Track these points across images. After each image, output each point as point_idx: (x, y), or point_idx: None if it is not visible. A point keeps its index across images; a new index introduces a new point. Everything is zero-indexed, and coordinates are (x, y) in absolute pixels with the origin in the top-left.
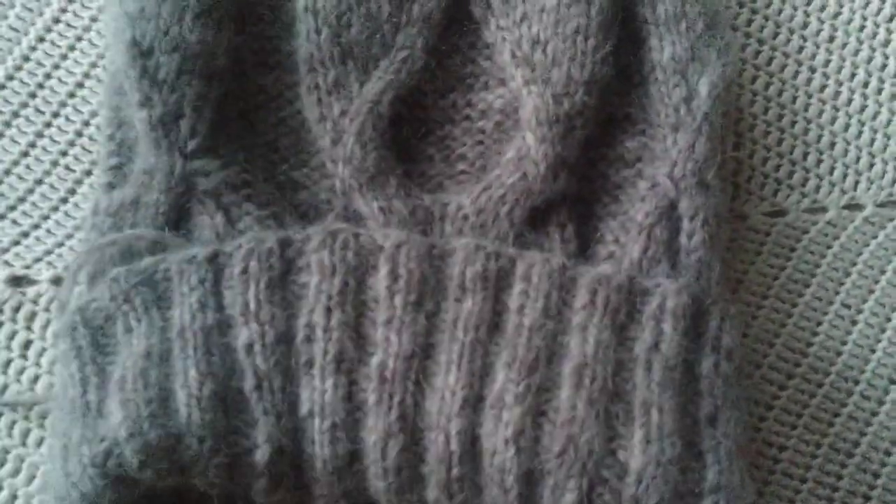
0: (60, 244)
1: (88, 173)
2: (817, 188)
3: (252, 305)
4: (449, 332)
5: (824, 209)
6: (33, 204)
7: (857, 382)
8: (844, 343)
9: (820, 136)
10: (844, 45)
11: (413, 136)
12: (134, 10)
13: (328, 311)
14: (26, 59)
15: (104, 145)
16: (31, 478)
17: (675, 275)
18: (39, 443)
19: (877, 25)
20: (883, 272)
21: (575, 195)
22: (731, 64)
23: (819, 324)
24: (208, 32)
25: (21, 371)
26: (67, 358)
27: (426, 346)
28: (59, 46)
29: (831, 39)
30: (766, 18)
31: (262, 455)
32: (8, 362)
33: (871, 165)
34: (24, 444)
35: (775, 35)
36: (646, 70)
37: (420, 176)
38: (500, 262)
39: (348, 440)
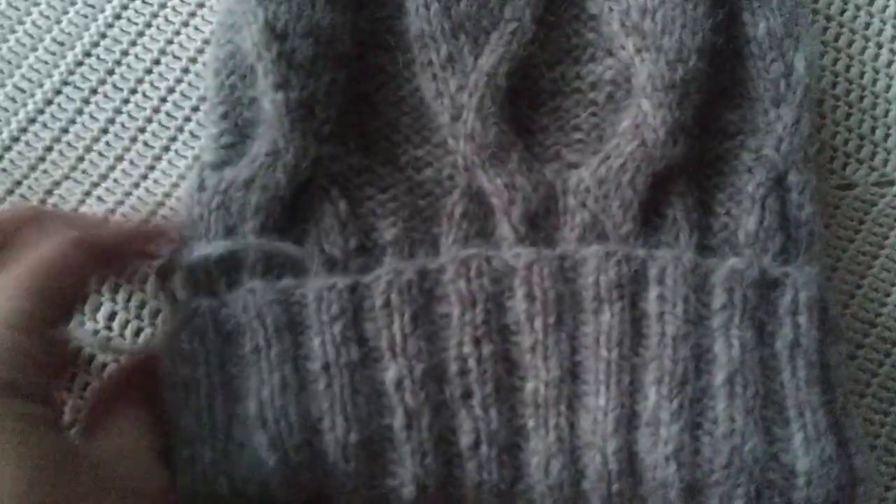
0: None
1: (167, 149)
2: (885, 162)
3: (398, 339)
4: (593, 350)
5: (892, 182)
6: (115, 181)
7: None
8: None
9: (888, 111)
10: None
11: (527, 108)
12: None
13: (477, 342)
14: (103, 35)
15: (216, 124)
16: None
17: (790, 249)
18: None
19: None
20: None
21: (685, 166)
22: (817, 41)
23: (888, 295)
24: (337, 16)
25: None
26: (194, 361)
27: (572, 366)
28: (135, 24)
29: None
30: None
31: (408, 493)
32: (95, 333)
33: None
34: None
35: (842, 11)
36: (739, 45)
37: (538, 146)
38: (632, 265)
39: (512, 465)
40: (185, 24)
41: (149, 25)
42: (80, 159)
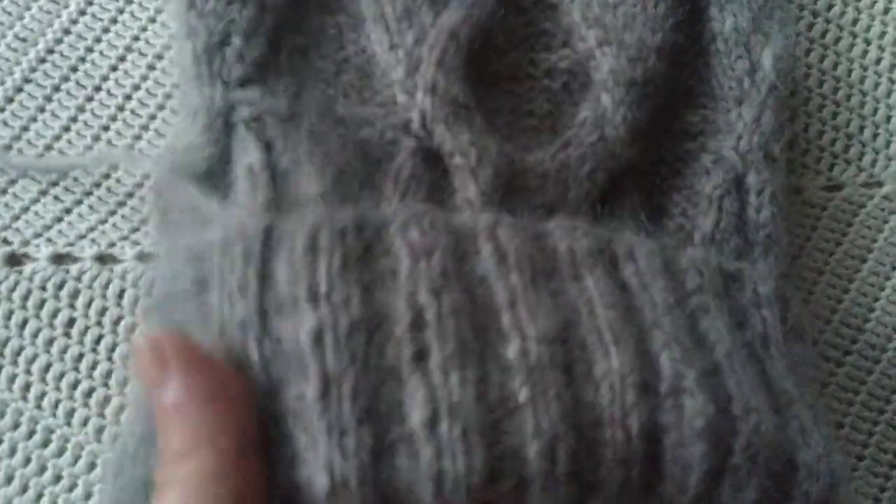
0: (104, 221)
1: (131, 148)
2: (874, 162)
3: (323, 285)
4: (586, 310)
5: (881, 183)
6: (75, 179)
7: None
8: None
9: (876, 109)
10: None
11: (481, 89)
12: None
13: (436, 292)
14: (67, 32)
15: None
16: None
17: (747, 252)
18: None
19: None
20: None
21: (638, 167)
22: (792, 36)
23: (876, 300)
24: None
25: (64, 349)
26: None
27: (563, 328)
28: (100, 20)
29: (886, 11)
30: None
31: (320, 486)
32: (51, 340)
33: None
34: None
35: (829, 7)
36: (705, 41)
37: (493, 126)
38: (599, 242)
39: (490, 451)
40: (152, 21)
41: (114, 21)
42: (41, 157)
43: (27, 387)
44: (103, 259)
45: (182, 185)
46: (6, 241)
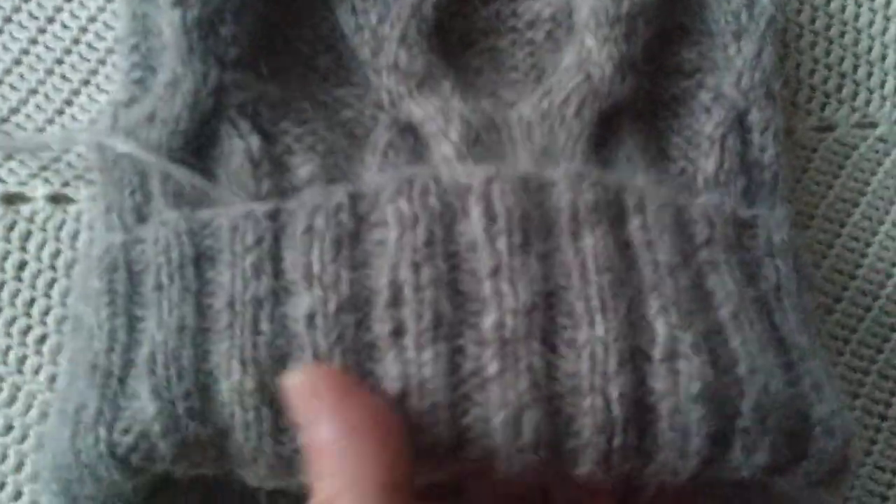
0: (57, 159)
1: (86, 83)
2: (867, 102)
3: (316, 267)
4: (578, 273)
5: (875, 124)
6: (27, 116)
7: None
8: (895, 265)
9: (870, 47)
10: None
11: (460, 47)
12: None
13: (416, 266)
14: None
15: (126, 58)
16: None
17: (754, 194)
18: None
19: None
20: None
21: (634, 108)
22: None
23: (868, 245)
24: None
25: (16, 294)
26: (98, 302)
27: (547, 294)
28: None
29: None
30: None
31: None
32: (1, 284)
33: None
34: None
35: None
36: None
37: (471, 87)
38: (608, 192)
39: (458, 423)
40: None
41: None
42: None
43: None
44: (56, 199)
45: (158, 158)
46: None
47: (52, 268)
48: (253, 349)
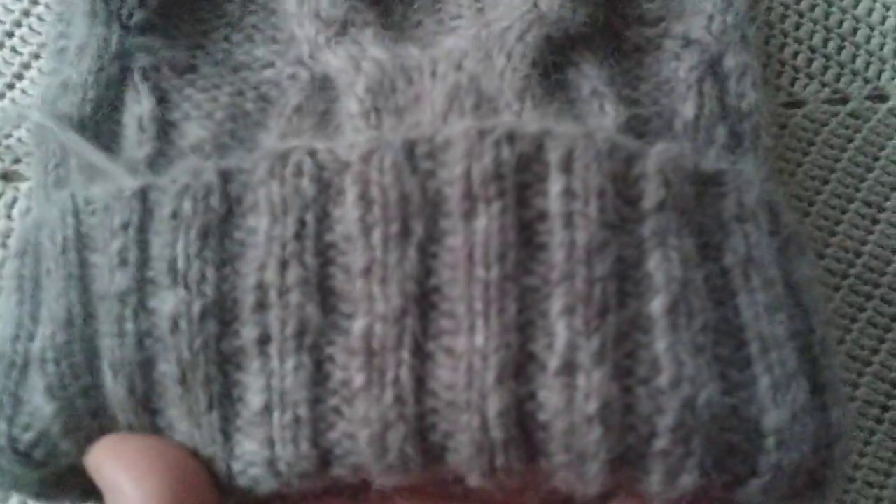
0: (7, 136)
1: (37, 57)
2: (838, 77)
3: (181, 262)
4: (462, 268)
5: (845, 100)
6: None
7: None
8: None
9: (842, 21)
10: None
11: (397, 1)
12: None
13: (283, 264)
14: None
15: (52, 26)
16: None
17: (734, 145)
18: None
19: None
20: None
21: (595, 47)
22: None
23: (837, 223)
24: None
25: None
26: (10, 286)
27: (424, 294)
28: None
29: None
30: None
31: None
32: None
33: None
34: None
35: None
36: None
37: (409, 39)
38: (520, 146)
39: (321, 440)
40: None
41: None
42: None
43: None
44: (7, 176)
45: (64, 130)
46: None
47: (4, 246)
48: (122, 350)
